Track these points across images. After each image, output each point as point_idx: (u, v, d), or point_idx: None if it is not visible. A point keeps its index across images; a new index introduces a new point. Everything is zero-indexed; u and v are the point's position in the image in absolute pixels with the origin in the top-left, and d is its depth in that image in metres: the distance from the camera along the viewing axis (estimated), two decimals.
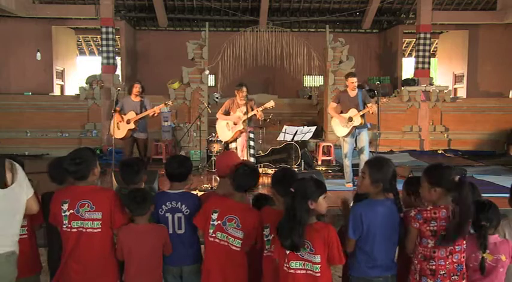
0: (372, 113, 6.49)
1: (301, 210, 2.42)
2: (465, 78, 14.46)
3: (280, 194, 2.70)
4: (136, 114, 6.91)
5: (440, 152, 10.74)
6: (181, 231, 2.93)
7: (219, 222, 2.74)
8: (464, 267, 2.52)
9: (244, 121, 6.68)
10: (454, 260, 2.48)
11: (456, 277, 2.48)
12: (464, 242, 2.51)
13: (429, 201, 2.56)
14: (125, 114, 6.94)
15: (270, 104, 6.77)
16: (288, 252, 2.47)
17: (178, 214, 2.92)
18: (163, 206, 2.92)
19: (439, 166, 2.60)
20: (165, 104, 7.13)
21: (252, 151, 6.87)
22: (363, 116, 6.50)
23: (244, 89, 6.80)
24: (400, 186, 2.74)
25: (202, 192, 4.57)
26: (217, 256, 2.75)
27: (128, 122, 6.88)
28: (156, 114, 7.00)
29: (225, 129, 7.02)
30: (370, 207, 2.61)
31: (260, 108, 6.71)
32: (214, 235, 2.75)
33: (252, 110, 6.73)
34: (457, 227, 2.42)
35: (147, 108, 6.97)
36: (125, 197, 2.81)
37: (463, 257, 2.52)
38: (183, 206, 2.92)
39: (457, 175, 2.48)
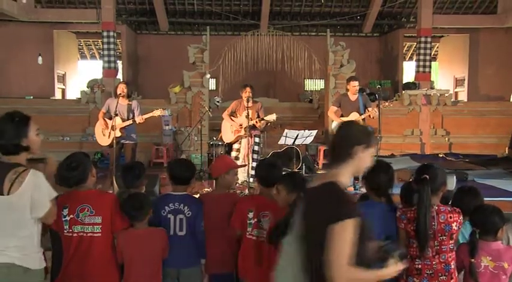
0: (373, 118, 6.52)
1: None
2: (466, 82, 14.45)
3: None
4: (123, 119, 6.50)
5: (441, 155, 10.67)
6: (182, 233, 2.96)
7: (255, 220, 2.88)
8: (452, 267, 2.50)
9: (245, 128, 6.64)
10: (442, 260, 2.47)
11: (444, 277, 2.47)
12: (451, 241, 2.49)
13: None
14: (110, 119, 6.42)
15: (272, 117, 6.71)
16: None
17: (180, 216, 2.95)
18: (166, 207, 2.96)
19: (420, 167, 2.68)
20: (154, 111, 6.65)
21: (255, 156, 6.80)
22: (363, 119, 6.53)
23: (248, 89, 6.63)
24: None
25: None
26: (253, 252, 2.87)
27: (114, 129, 6.30)
28: (142, 121, 6.57)
29: (229, 130, 7.00)
30: (368, 208, 2.61)
31: (259, 119, 6.67)
32: (252, 233, 2.89)
33: (258, 115, 6.72)
34: (418, 232, 2.44)
35: (135, 113, 6.61)
36: (123, 204, 2.81)
37: (450, 257, 2.49)
38: (186, 207, 2.96)
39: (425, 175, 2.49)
